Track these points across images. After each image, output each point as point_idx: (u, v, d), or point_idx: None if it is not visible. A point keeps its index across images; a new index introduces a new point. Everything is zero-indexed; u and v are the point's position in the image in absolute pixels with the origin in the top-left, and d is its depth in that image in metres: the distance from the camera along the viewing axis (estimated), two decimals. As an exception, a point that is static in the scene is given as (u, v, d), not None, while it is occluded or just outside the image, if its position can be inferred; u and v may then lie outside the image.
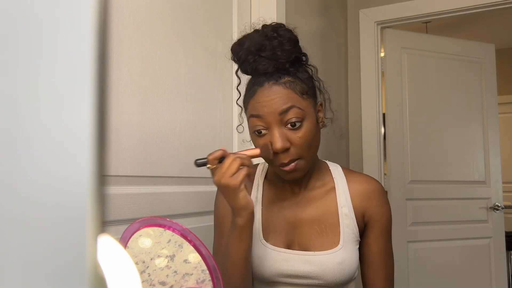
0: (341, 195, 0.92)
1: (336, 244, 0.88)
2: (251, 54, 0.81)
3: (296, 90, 0.81)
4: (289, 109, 0.80)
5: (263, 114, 0.80)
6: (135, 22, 1.06)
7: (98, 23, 0.18)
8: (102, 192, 0.18)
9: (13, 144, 0.17)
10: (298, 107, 0.81)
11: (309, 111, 0.83)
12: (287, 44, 0.81)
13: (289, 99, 0.80)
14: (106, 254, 0.32)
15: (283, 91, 0.81)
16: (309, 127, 0.82)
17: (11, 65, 0.17)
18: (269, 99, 0.80)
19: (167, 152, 1.15)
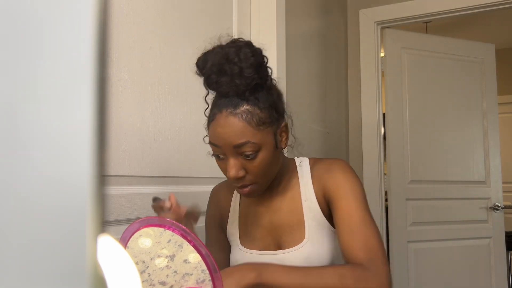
0: (304, 189, 0.92)
1: (302, 239, 0.89)
2: (214, 74, 0.79)
3: (252, 122, 0.80)
4: (243, 144, 0.80)
5: (219, 145, 0.82)
6: (135, 22, 1.06)
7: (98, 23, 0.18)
8: (102, 192, 0.18)
9: (13, 144, 0.17)
10: (253, 142, 0.80)
11: (265, 141, 0.82)
12: (248, 70, 0.78)
13: (244, 134, 0.80)
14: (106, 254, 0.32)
15: (238, 124, 0.80)
16: (265, 156, 0.82)
17: (11, 65, 0.17)
18: (224, 132, 0.80)
19: (167, 152, 1.15)
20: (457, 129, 2.60)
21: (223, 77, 0.78)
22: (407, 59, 2.53)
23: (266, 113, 0.82)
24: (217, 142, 0.82)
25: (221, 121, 0.81)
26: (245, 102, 0.80)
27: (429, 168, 2.52)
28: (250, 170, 0.82)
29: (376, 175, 2.34)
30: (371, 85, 2.41)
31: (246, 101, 0.80)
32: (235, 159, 0.82)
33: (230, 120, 0.80)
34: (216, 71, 0.78)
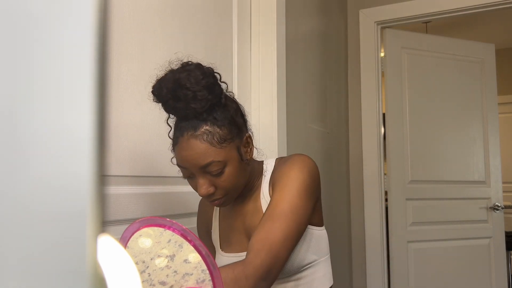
0: (263, 188, 0.94)
1: None
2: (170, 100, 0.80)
3: (214, 142, 0.82)
4: (208, 164, 0.81)
5: (186, 167, 0.84)
6: (135, 22, 1.06)
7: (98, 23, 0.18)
8: (102, 192, 0.18)
9: (12, 144, 0.17)
10: (217, 160, 0.82)
11: (230, 157, 0.84)
12: (201, 93, 0.79)
13: (207, 154, 0.81)
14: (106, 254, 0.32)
15: (200, 146, 0.81)
16: (231, 170, 0.84)
17: (10, 65, 0.17)
18: (189, 154, 0.82)
19: (167, 152, 1.15)
20: (457, 129, 2.60)
21: (178, 102, 0.79)
22: (407, 59, 2.53)
23: (225, 130, 0.83)
24: (183, 164, 0.84)
25: (183, 144, 0.82)
26: (203, 123, 0.81)
27: (429, 168, 2.52)
28: (219, 185, 0.84)
29: (376, 175, 2.34)
30: (371, 85, 2.41)
31: (204, 122, 0.82)
32: (203, 178, 0.84)
33: (192, 142, 0.81)
34: (171, 97, 0.79)
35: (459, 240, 2.55)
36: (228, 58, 1.47)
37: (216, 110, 0.83)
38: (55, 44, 0.18)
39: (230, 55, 1.48)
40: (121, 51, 1.02)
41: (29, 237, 0.17)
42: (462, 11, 2.27)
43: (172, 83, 0.79)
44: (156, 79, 0.83)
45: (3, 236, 0.17)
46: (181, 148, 0.83)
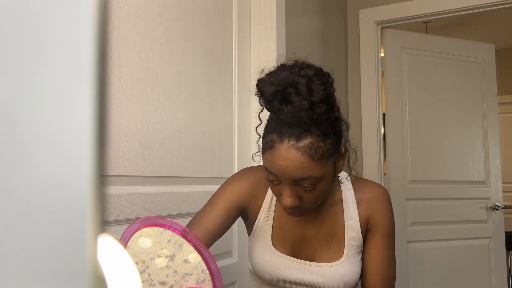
0: (348, 207, 0.92)
1: (340, 256, 0.90)
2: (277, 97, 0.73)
3: (316, 157, 0.75)
4: (304, 179, 0.76)
5: (278, 175, 0.77)
6: (135, 21, 1.06)
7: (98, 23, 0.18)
8: (102, 192, 0.18)
9: (12, 144, 0.17)
10: (315, 177, 0.76)
11: (327, 173, 0.79)
12: (318, 105, 0.72)
13: (306, 169, 0.75)
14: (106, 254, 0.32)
15: (301, 159, 0.74)
16: (323, 186, 0.80)
17: (10, 65, 0.17)
18: (286, 165, 0.75)
19: (167, 152, 1.15)
20: (457, 129, 2.60)
21: (288, 106, 0.72)
22: (407, 59, 2.53)
23: (329, 145, 0.76)
24: (275, 172, 0.77)
25: (282, 152, 0.75)
26: (309, 134, 0.74)
27: (429, 168, 2.52)
28: (305, 199, 0.80)
29: (376, 175, 2.34)
30: (371, 85, 2.41)
31: (310, 134, 0.74)
32: (292, 189, 0.78)
33: (293, 153, 0.74)
34: (280, 99, 0.73)
35: (459, 240, 2.55)
36: (228, 58, 1.47)
37: (326, 123, 0.75)
38: (55, 44, 0.18)
39: (230, 55, 1.48)
40: (121, 51, 1.02)
41: (29, 237, 0.17)
42: (462, 11, 2.27)
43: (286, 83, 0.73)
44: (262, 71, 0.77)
45: (3, 236, 0.17)
46: (278, 156, 0.76)
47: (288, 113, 0.73)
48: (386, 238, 0.92)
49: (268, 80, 0.75)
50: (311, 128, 0.74)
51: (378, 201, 0.93)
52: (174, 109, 1.18)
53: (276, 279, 0.91)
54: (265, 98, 0.76)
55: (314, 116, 0.73)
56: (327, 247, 0.91)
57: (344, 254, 0.90)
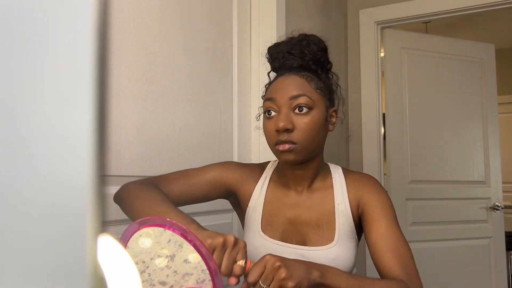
0: (339, 193, 0.94)
1: (330, 240, 0.90)
2: (282, 53, 0.92)
3: (312, 83, 0.89)
4: (299, 95, 0.86)
5: (275, 97, 0.88)
6: (135, 22, 1.06)
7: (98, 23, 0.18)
8: (102, 192, 0.18)
9: (13, 144, 0.17)
10: (309, 97, 0.87)
11: (319, 105, 0.88)
12: (314, 46, 0.91)
13: (302, 87, 0.87)
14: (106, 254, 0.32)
15: (298, 80, 0.88)
16: (316, 118, 0.87)
17: (11, 65, 0.17)
18: (284, 85, 0.88)
19: (167, 152, 1.15)
20: (457, 129, 2.60)
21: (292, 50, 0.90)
22: (407, 59, 2.53)
23: (323, 85, 0.91)
24: (274, 95, 0.89)
25: (282, 78, 0.90)
26: (307, 71, 0.90)
27: (429, 168, 2.52)
28: (298, 125, 0.86)
29: (376, 175, 2.34)
30: (371, 85, 2.41)
31: (309, 71, 0.90)
32: (286, 113, 0.86)
33: (292, 77, 0.89)
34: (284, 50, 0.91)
35: (459, 240, 2.55)
36: (228, 57, 1.47)
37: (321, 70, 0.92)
38: (56, 45, 0.18)
39: (230, 55, 1.48)
40: (121, 51, 1.02)
41: (29, 237, 0.17)
42: (462, 11, 2.27)
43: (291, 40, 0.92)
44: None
45: (3, 236, 0.17)
46: (279, 81, 0.90)
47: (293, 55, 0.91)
48: (384, 216, 0.90)
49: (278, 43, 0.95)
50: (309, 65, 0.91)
51: (367, 184, 0.95)
52: (174, 109, 1.18)
53: None
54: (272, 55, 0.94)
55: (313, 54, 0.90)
56: (317, 231, 0.92)
57: (335, 238, 0.90)
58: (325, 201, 0.94)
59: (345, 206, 0.93)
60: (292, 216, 0.94)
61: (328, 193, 0.95)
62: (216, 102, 1.38)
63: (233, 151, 1.46)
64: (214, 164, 1.00)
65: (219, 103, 1.40)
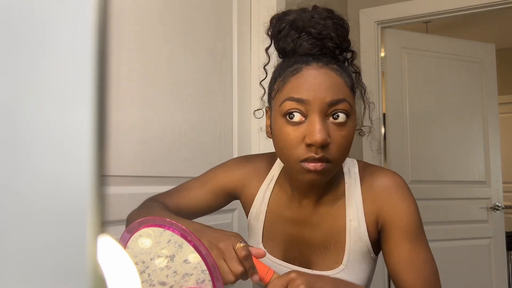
0: (352, 205, 0.77)
1: (338, 264, 0.77)
2: (295, 30, 0.68)
3: (347, 82, 0.68)
4: (340, 101, 0.66)
5: (307, 99, 0.65)
6: (135, 22, 1.06)
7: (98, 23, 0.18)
8: (102, 192, 0.18)
9: (12, 144, 0.17)
10: (349, 102, 0.67)
11: (354, 110, 0.70)
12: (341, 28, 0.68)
13: (342, 89, 0.66)
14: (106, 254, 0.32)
15: (336, 78, 0.66)
16: (352, 129, 0.69)
17: (11, 65, 0.17)
18: (320, 82, 0.65)
19: (167, 152, 1.15)
20: (457, 129, 2.60)
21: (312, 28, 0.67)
22: (407, 59, 2.53)
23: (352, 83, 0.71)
24: (305, 95, 0.65)
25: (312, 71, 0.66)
26: (334, 61, 0.68)
27: (429, 168, 2.52)
28: (335, 139, 0.66)
29: (376, 175, 2.34)
30: (371, 85, 2.41)
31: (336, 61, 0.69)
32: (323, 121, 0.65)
33: (325, 71, 0.66)
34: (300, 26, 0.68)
35: (459, 240, 2.55)
36: (228, 58, 1.47)
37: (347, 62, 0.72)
38: (56, 44, 0.18)
39: (230, 55, 1.48)
40: (121, 51, 1.02)
41: (29, 237, 0.17)
42: (462, 11, 2.27)
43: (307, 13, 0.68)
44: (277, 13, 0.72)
45: (3, 236, 0.17)
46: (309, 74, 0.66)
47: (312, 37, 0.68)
48: (408, 234, 0.73)
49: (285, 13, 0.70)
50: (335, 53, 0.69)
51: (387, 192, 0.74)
52: (174, 109, 1.18)
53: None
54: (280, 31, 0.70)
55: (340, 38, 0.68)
56: (324, 253, 0.78)
57: (343, 261, 0.76)
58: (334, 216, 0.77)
59: (358, 223, 0.75)
60: (295, 233, 0.80)
61: (339, 206, 0.78)
62: (216, 102, 1.38)
63: (233, 151, 1.46)
64: (213, 169, 0.90)
65: (219, 103, 1.40)
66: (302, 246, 0.80)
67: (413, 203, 0.76)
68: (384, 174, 0.77)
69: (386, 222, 0.74)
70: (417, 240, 0.74)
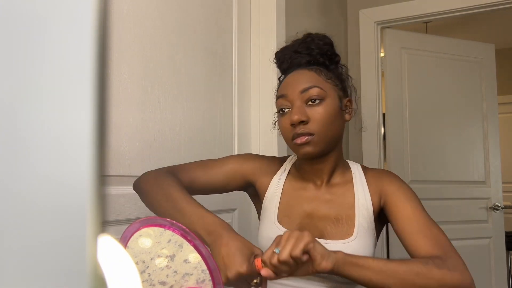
0: (359, 187, 0.93)
1: (350, 235, 0.88)
2: (289, 54, 0.92)
3: (321, 75, 0.89)
4: (310, 87, 0.86)
5: (287, 93, 0.87)
6: (135, 22, 1.06)
7: (98, 23, 0.18)
8: (102, 192, 0.18)
9: (13, 144, 0.17)
10: (320, 87, 0.86)
11: (331, 95, 0.88)
12: (319, 41, 0.91)
13: (312, 79, 0.87)
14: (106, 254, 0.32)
15: (308, 73, 0.88)
16: (330, 108, 0.87)
17: (11, 65, 0.17)
18: (294, 80, 0.88)
19: (167, 152, 1.15)
20: (457, 129, 2.60)
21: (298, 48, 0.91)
22: (407, 59, 2.53)
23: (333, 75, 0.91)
24: (285, 91, 0.88)
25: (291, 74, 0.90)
26: (315, 65, 0.90)
27: (429, 168, 2.52)
28: (312, 116, 0.85)
29: (376, 175, 2.34)
30: (371, 85, 2.41)
31: (317, 64, 0.91)
32: (299, 106, 0.86)
33: (300, 72, 0.90)
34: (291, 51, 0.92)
35: (459, 240, 2.54)
36: (228, 57, 1.47)
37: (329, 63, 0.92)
38: (56, 45, 0.18)
39: (230, 55, 1.48)
40: (121, 51, 1.02)
41: (29, 237, 0.17)
42: (462, 11, 2.27)
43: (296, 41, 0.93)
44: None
45: (3, 236, 0.17)
46: (287, 78, 0.91)
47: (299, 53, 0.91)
48: (409, 201, 0.88)
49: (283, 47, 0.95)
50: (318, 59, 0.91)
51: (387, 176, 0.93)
52: (174, 108, 1.18)
53: None
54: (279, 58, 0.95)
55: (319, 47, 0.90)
56: (336, 226, 0.89)
57: (354, 232, 0.88)
58: (345, 195, 0.92)
59: (365, 200, 0.91)
60: (310, 209, 0.92)
61: (348, 187, 0.93)
62: (216, 102, 1.38)
63: (233, 151, 1.46)
64: (233, 156, 1.02)
65: (219, 103, 1.40)
66: (316, 220, 0.91)
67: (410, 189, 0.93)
68: (384, 169, 0.99)
69: (388, 195, 0.90)
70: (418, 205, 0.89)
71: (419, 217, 0.86)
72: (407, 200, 0.88)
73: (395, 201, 0.88)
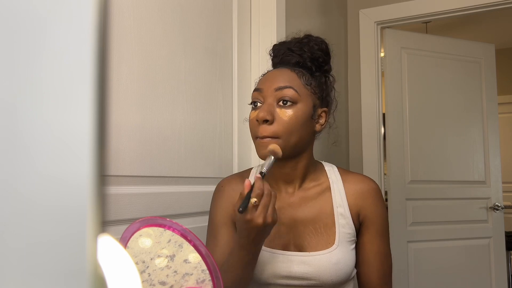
0: (337, 195, 0.91)
1: (331, 244, 0.88)
2: (283, 49, 0.92)
3: (302, 78, 0.87)
4: (285, 87, 0.85)
5: (262, 88, 0.87)
6: (135, 22, 1.06)
7: (98, 23, 0.18)
8: (102, 192, 0.18)
9: (13, 144, 0.17)
10: (295, 90, 0.85)
11: (305, 101, 0.86)
12: (315, 45, 0.91)
13: (290, 80, 0.86)
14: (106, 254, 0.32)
15: (289, 73, 0.87)
16: (299, 113, 0.84)
17: (11, 64, 0.17)
18: (272, 76, 0.87)
19: (166, 152, 1.15)
20: (457, 129, 2.60)
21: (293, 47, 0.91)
22: (407, 59, 2.53)
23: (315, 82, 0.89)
24: (261, 85, 0.88)
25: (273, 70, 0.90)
26: (302, 68, 0.90)
27: (429, 168, 2.52)
28: (279, 118, 0.84)
29: (376, 175, 2.34)
30: (371, 85, 2.41)
31: (303, 68, 0.90)
32: (269, 105, 0.85)
33: (282, 69, 0.89)
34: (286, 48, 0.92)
35: (459, 240, 2.55)
36: (228, 58, 1.47)
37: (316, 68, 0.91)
38: (56, 44, 0.18)
39: (230, 55, 1.48)
40: (121, 51, 1.02)
41: (29, 236, 0.17)
42: (462, 11, 2.27)
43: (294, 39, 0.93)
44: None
45: (3, 236, 0.17)
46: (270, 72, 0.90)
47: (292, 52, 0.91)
48: (382, 233, 0.92)
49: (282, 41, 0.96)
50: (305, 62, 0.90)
51: (370, 195, 0.92)
52: (174, 109, 1.18)
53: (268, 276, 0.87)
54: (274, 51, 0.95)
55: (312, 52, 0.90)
56: (316, 234, 0.88)
57: (335, 241, 0.87)
58: (322, 202, 0.91)
59: (344, 210, 0.90)
60: (287, 219, 0.90)
61: (325, 193, 0.92)
62: (216, 102, 1.38)
63: (233, 151, 1.46)
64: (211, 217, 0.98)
65: (219, 103, 1.40)
66: (296, 230, 0.90)
67: (385, 207, 0.97)
68: (365, 179, 0.95)
69: (367, 218, 0.91)
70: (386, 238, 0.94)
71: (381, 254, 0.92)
72: (379, 236, 0.92)
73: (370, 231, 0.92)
